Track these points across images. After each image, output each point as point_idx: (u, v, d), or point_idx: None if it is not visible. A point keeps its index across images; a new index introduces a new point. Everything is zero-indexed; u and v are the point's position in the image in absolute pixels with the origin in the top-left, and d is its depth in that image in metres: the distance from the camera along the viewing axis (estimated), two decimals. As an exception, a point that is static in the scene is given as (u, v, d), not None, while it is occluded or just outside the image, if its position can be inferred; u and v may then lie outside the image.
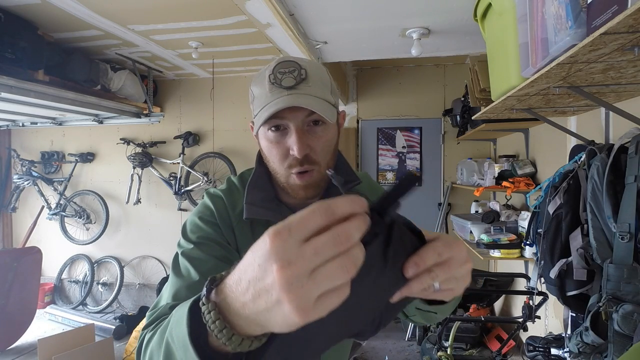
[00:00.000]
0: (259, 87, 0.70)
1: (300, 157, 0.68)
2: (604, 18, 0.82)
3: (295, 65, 0.68)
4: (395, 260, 0.39)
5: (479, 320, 2.69)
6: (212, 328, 0.36)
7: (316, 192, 0.73)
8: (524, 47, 1.26)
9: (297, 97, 0.65)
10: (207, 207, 0.76)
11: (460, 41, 2.42)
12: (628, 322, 1.11)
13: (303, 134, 0.68)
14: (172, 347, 0.43)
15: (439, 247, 0.40)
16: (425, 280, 0.40)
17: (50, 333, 3.47)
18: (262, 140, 0.73)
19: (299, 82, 0.67)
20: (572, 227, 1.44)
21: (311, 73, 0.68)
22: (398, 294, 0.40)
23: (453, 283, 0.42)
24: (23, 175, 4.44)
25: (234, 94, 4.21)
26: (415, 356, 3.11)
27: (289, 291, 0.29)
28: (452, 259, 0.41)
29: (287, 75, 0.67)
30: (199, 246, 0.70)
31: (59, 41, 3.14)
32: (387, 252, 0.38)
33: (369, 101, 4.16)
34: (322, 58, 2.71)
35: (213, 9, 2.54)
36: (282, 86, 0.66)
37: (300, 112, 0.67)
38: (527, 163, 2.59)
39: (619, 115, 1.34)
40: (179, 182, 4.13)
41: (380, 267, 0.38)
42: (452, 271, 0.41)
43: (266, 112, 0.65)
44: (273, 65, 0.69)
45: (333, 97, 0.73)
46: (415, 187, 0.40)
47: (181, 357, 0.40)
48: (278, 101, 0.65)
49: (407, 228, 0.41)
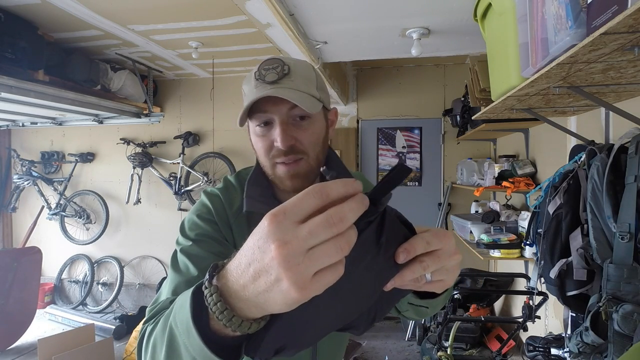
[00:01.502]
0: (247, 84, 0.73)
1: (284, 148, 0.70)
2: (604, 18, 0.82)
3: (279, 62, 0.71)
4: (387, 247, 0.40)
5: (479, 320, 2.69)
6: (213, 310, 0.37)
7: (304, 183, 0.74)
8: (524, 47, 1.26)
9: (277, 89, 0.68)
10: (205, 205, 0.78)
11: (460, 41, 2.42)
12: (628, 322, 1.11)
13: (287, 126, 0.70)
14: (175, 332, 0.43)
15: (427, 237, 0.42)
16: (416, 269, 0.41)
17: (50, 333, 3.47)
18: (252, 136, 0.76)
19: (282, 77, 0.69)
20: (572, 227, 1.44)
21: (294, 69, 0.71)
22: (391, 282, 0.42)
23: (444, 274, 0.44)
24: (23, 175, 4.44)
25: (234, 94, 4.21)
26: (415, 356, 3.11)
27: (286, 268, 0.31)
28: (442, 250, 0.42)
29: (271, 71, 0.70)
30: (197, 243, 0.71)
31: (59, 41, 3.14)
32: (380, 239, 0.39)
33: (369, 101, 4.16)
34: (322, 58, 2.71)
35: (213, 9, 2.54)
36: (266, 81, 0.69)
37: (283, 105, 0.69)
38: (527, 163, 2.59)
39: (619, 115, 1.34)
40: (179, 182, 4.13)
41: (373, 253, 0.39)
42: (442, 262, 0.42)
43: (247, 103, 0.69)
44: (260, 63, 0.72)
45: (319, 92, 0.75)
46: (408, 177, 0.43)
47: (184, 341, 0.41)
48: (260, 93, 0.68)
49: (398, 219, 0.42)
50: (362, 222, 0.36)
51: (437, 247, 0.42)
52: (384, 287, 0.42)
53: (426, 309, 0.64)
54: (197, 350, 0.40)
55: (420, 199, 4.09)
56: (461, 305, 3.27)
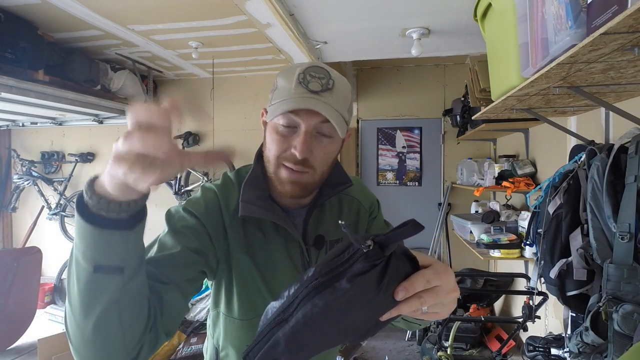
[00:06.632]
0: (285, 80, 0.71)
1: (300, 158, 0.69)
2: (604, 18, 0.82)
3: (326, 73, 0.71)
4: (388, 287, 0.43)
5: (479, 320, 2.69)
6: (87, 197, 0.47)
7: (302, 193, 0.74)
8: (524, 47, 1.26)
9: (318, 102, 0.67)
10: (198, 201, 0.77)
11: (460, 41, 2.42)
12: (628, 322, 1.11)
13: (310, 137, 0.70)
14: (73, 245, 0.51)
15: (428, 275, 0.44)
16: (413, 304, 0.44)
17: (50, 333, 3.46)
18: (269, 130, 0.74)
19: (325, 90, 0.69)
20: (572, 227, 1.43)
21: (337, 86, 0.71)
22: (387, 314, 0.44)
23: (439, 308, 0.47)
24: (23, 175, 4.44)
25: (234, 94, 4.21)
26: (415, 356, 3.11)
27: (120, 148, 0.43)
28: (440, 287, 0.45)
29: (316, 80, 0.69)
30: (175, 234, 0.71)
31: (59, 41, 3.14)
32: (382, 281, 0.42)
33: (369, 101, 4.16)
34: (322, 58, 2.71)
35: (213, 9, 2.54)
36: (308, 88, 0.68)
37: (315, 118, 0.69)
38: (527, 163, 2.59)
39: (619, 115, 1.34)
40: (178, 182, 4.13)
41: (373, 293, 0.42)
42: (439, 298, 0.45)
43: (286, 105, 0.68)
44: (306, 66, 0.71)
45: (348, 114, 0.75)
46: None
47: (77, 243, 0.49)
48: (300, 100, 0.67)
49: (403, 255, 0.44)
50: (368, 264, 0.40)
51: (436, 284, 0.44)
52: (380, 318, 0.45)
53: (418, 325, 0.69)
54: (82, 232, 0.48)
55: (420, 199, 4.09)
56: (461, 305, 3.27)
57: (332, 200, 0.87)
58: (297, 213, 0.82)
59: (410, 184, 4.11)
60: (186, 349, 2.81)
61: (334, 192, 0.83)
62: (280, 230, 0.79)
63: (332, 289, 0.42)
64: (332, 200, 0.87)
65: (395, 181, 4.14)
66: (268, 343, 0.42)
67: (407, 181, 4.12)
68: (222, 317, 0.81)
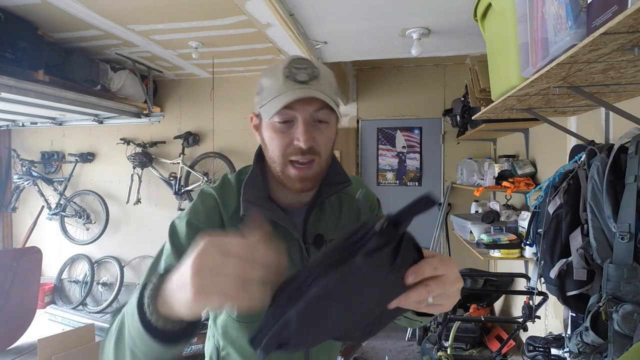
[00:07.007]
0: (271, 79, 0.72)
1: (306, 147, 0.70)
2: (604, 18, 0.82)
3: (309, 63, 0.72)
4: (400, 268, 0.44)
5: (479, 320, 2.69)
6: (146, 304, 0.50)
7: (311, 185, 0.75)
8: (524, 47, 1.26)
9: (311, 90, 0.69)
10: (198, 209, 0.78)
11: (460, 41, 2.42)
12: (628, 322, 1.11)
13: (310, 126, 0.71)
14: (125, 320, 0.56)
15: (435, 262, 0.46)
16: (421, 292, 0.45)
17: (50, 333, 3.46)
18: (267, 131, 0.75)
19: (312, 78, 0.70)
20: (572, 227, 1.43)
21: (323, 73, 0.73)
22: (396, 301, 0.45)
23: (444, 299, 0.48)
24: (23, 175, 4.44)
25: (234, 94, 4.21)
26: (415, 356, 3.11)
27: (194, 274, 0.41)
28: (446, 276, 0.47)
29: (302, 71, 0.70)
30: (178, 252, 0.72)
31: (59, 41, 3.14)
32: (395, 260, 0.43)
33: (369, 101, 4.16)
34: (322, 58, 2.71)
35: (213, 9, 2.54)
36: (297, 80, 0.69)
37: (310, 106, 0.70)
38: (527, 163, 2.59)
39: (619, 115, 1.34)
40: (179, 182, 4.13)
41: (386, 272, 0.43)
42: (445, 287, 0.47)
43: (280, 101, 0.68)
44: (288, 60, 0.72)
45: (337, 99, 0.77)
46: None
47: (137, 343, 0.53)
48: (291, 93, 0.68)
49: (412, 244, 0.45)
50: (382, 241, 0.41)
51: (442, 272, 0.46)
52: (388, 305, 0.46)
53: (420, 323, 0.69)
54: (137, 333, 0.51)
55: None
56: (461, 305, 3.27)
57: (332, 200, 0.88)
58: (297, 212, 0.82)
59: (410, 184, 4.11)
60: (186, 349, 2.81)
61: (334, 191, 0.83)
62: (280, 229, 0.79)
63: (347, 265, 0.42)
64: (332, 199, 0.87)
65: (395, 181, 4.14)
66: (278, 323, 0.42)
67: (407, 181, 4.12)
68: (223, 317, 0.81)
